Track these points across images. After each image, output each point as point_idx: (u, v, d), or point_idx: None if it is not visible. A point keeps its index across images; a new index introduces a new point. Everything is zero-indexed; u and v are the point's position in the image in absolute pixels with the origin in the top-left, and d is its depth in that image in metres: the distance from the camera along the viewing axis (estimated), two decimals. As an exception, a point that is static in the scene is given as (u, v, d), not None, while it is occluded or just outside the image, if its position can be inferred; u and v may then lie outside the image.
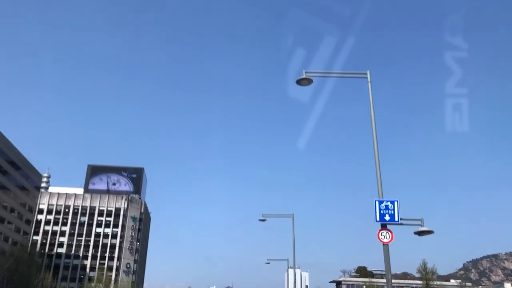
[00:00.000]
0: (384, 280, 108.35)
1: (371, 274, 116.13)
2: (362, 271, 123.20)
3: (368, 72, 18.68)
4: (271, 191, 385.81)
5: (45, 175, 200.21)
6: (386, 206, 16.23)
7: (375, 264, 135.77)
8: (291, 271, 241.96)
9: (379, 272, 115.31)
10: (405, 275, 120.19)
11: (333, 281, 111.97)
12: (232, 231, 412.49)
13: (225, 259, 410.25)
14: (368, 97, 18.39)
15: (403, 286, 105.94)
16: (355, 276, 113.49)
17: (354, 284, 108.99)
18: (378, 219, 16.16)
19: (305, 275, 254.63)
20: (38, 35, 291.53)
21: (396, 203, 16.22)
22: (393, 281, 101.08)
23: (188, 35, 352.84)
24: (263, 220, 41.25)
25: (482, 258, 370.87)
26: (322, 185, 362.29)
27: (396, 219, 16.11)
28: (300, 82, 18.99)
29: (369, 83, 18.48)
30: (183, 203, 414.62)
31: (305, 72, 18.84)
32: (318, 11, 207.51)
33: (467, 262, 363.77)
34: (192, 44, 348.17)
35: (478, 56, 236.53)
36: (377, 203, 16.29)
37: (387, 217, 16.11)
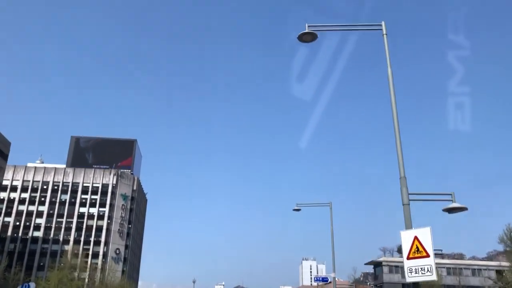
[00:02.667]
0: (444, 261, 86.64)
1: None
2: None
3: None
4: (275, 187, 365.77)
5: (38, 161, 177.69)
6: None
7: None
8: (305, 263, 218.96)
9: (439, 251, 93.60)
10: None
11: (370, 262, 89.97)
12: (235, 229, 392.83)
13: (232, 257, 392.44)
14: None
15: (476, 268, 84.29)
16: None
17: (399, 266, 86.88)
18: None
19: (322, 267, 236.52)
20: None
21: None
22: (451, 261, 77.20)
23: (189, 32, 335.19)
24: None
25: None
26: (325, 184, 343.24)
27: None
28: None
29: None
30: (183, 197, 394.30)
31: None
32: (321, 9, 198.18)
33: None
34: (193, 41, 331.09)
35: (480, 55, 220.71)
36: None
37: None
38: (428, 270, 10.57)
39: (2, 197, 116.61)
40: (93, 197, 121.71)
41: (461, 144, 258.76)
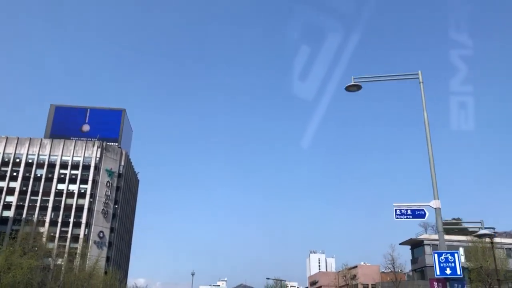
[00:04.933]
0: (507, 240, 69.64)
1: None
2: (450, 226, 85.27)
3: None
4: (276, 185, 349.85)
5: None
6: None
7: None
8: (313, 256, 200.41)
9: (478, 229, 76.95)
10: None
11: (407, 241, 72.94)
12: (238, 227, 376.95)
13: (234, 255, 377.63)
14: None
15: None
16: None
17: (445, 245, 69.63)
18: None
19: (331, 261, 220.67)
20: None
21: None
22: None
23: (190, 31, 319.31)
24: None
25: None
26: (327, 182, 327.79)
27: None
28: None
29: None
30: (182, 189, 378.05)
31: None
32: (323, 8, 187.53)
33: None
34: (194, 40, 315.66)
35: (483, 54, 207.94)
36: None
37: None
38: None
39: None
40: (73, 172, 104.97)
41: (464, 144, 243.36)
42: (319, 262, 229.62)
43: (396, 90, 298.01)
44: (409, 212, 17.48)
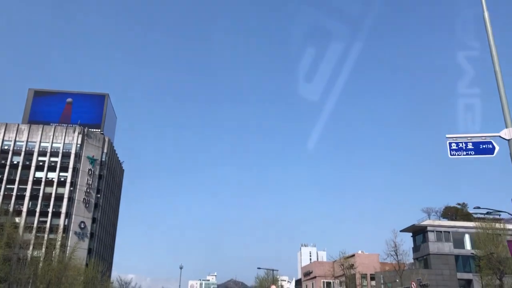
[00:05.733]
0: None
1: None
2: (453, 213, 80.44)
3: None
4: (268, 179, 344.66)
5: None
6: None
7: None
8: (304, 250, 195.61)
9: (484, 215, 72.15)
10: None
11: (408, 228, 68.16)
12: (225, 220, 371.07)
13: (225, 251, 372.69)
14: None
15: None
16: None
17: (450, 232, 65.21)
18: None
19: (322, 254, 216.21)
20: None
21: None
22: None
23: (196, 34, 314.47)
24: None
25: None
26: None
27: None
28: None
29: None
30: (171, 186, 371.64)
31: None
32: (328, 10, 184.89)
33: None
34: (200, 42, 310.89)
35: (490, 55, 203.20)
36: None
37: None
38: None
39: None
40: (52, 159, 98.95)
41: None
42: (310, 256, 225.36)
43: (400, 89, 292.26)
44: (470, 146, 12.22)
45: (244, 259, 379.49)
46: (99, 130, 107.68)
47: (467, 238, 66.90)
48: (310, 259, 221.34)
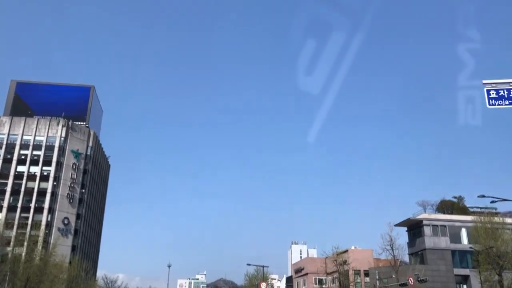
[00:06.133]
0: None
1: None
2: (450, 207, 78.54)
3: None
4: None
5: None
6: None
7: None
8: (295, 247, 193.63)
9: (480, 209, 70.44)
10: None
11: (403, 222, 65.96)
12: (214, 219, 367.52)
13: (215, 250, 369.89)
14: None
15: None
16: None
17: (446, 226, 63.12)
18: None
19: (313, 252, 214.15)
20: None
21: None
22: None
23: (196, 28, 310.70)
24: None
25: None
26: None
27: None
28: None
29: None
30: (161, 183, 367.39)
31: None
32: (329, 3, 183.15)
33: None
34: (200, 37, 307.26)
35: (492, 48, 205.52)
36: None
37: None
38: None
39: None
40: (35, 152, 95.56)
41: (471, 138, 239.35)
42: (300, 253, 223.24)
43: (396, 86, 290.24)
44: (513, 94, 9.69)
45: (233, 258, 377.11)
46: (84, 123, 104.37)
47: (464, 232, 64.87)
48: (301, 257, 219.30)
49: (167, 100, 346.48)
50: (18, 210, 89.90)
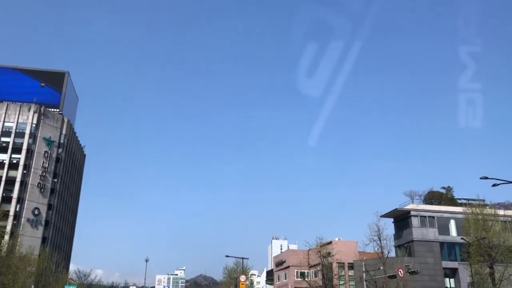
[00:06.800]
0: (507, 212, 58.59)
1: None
2: (438, 197, 76.28)
3: None
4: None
5: None
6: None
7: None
8: (275, 243, 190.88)
9: (468, 201, 68.13)
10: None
11: (390, 213, 63.36)
12: (194, 214, 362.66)
13: (195, 245, 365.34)
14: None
15: None
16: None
17: (434, 217, 60.71)
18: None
19: (293, 247, 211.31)
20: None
21: None
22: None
23: (197, 30, 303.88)
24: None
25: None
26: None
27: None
28: None
29: None
30: (140, 177, 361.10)
31: None
32: (330, 5, 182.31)
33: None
34: (201, 39, 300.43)
35: (492, 51, 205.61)
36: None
37: None
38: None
39: None
40: (4, 139, 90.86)
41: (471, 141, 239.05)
42: (281, 249, 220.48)
43: (397, 85, 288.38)
44: None
45: (214, 254, 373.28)
46: (57, 110, 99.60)
47: (452, 224, 62.45)
48: (281, 252, 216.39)
49: (153, 94, 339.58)
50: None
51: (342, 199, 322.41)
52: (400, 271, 44.99)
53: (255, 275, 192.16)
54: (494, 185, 31.90)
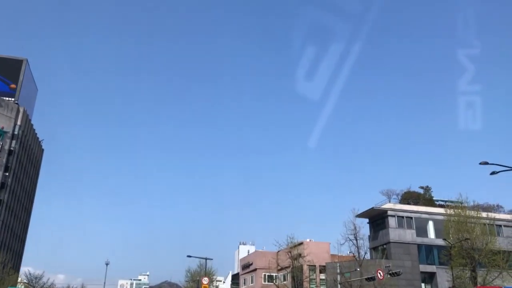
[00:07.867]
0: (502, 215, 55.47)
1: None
2: (415, 198, 72.72)
3: None
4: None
5: None
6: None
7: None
8: (242, 248, 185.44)
9: (445, 202, 65.04)
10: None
11: (365, 213, 59.77)
12: (158, 218, 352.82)
13: (158, 251, 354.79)
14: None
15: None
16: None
17: (412, 217, 57.39)
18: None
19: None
20: None
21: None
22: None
23: (194, 32, 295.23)
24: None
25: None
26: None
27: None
28: None
29: None
30: (105, 177, 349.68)
31: None
32: (329, 8, 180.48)
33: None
34: (199, 40, 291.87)
35: (491, 53, 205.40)
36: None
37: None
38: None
39: None
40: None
41: (471, 143, 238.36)
42: (248, 254, 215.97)
43: (400, 87, 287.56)
44: None
45: (180, 260, 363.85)
46: (12, 99, 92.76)
47: (431, 225, 59.15)
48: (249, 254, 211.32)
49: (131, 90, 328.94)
50: None
51: (330, 201, 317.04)
52: (379, 273, 41.08)
53: (220, 281, 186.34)
54: (492, 173, 28.31)
